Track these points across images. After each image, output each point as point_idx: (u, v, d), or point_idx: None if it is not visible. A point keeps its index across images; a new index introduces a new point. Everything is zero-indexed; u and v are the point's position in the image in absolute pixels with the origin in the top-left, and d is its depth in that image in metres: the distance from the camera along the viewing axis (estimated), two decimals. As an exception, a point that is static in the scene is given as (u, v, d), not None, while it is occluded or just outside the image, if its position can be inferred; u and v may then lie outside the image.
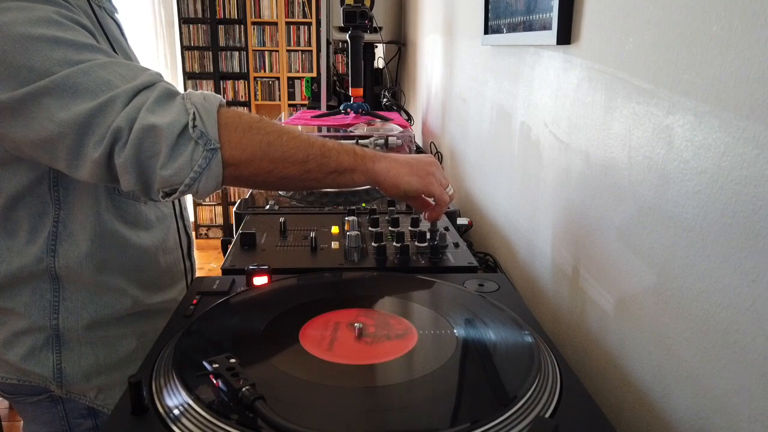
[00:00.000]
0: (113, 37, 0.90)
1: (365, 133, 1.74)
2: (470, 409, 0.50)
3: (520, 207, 1.05)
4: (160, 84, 0.73)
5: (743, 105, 0.46)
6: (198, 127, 0.70)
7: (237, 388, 0.47)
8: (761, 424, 0.45)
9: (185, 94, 0.74)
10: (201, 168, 0.70)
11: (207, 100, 0.74)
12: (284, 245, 0.93)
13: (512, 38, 1.04)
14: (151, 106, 0.70)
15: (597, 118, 0.73)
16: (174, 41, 5.19)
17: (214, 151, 0.71)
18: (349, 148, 0.80)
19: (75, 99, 0.69)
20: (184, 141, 0.70)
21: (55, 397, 0.90)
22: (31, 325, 0.87)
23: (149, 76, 0.73)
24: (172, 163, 0.69)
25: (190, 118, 0.70)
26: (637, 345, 0.64)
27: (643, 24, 0.62)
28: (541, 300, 0.94)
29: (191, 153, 0.70)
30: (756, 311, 0.45)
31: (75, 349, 0.89)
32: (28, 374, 0.88)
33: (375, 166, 0.80)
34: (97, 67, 0.71)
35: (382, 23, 2.73)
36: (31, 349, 0.87)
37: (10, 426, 2.47)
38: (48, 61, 0.69)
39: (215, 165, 0.71)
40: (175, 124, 0.69)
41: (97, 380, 0.90)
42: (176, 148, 0.69)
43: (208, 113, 0.72)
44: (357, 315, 0.66)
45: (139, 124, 0.68)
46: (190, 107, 0.71)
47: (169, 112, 0.70)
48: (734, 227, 0.48)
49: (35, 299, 0.86)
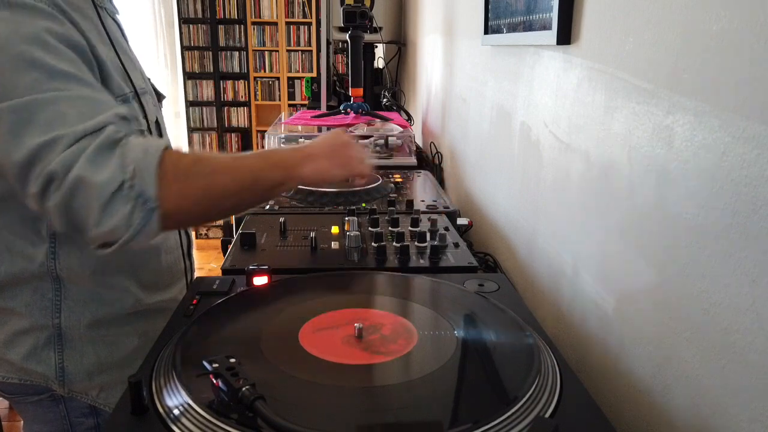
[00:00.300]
0: (114, 37, 0.90)
1: (365, 133, 1.74)
2: (470, 409, 0.50)
3: (520, 207, 1.05)
4: (107, 130, 0.71)
5: (743, 105, 0.46)
6: (135, 187, 0.69)
7: (237, 387, 0.47)
8: (761, 424, 0.45)
9: (126, 146, 0.72)
10: (139, 227, 0.70)
11: (147, 154, 0.71)
12: (284, 245, 0.93)
13: (512, 38, 1.04)
14: (90, 156, 0.69)
15: (597, 118, 0.73)
16: (174, 41, 5.19)
17: (152, 210, 0.70)
18: (276, 159, 0.82)
19: (27, 129, 0.69)
20: (120, 200, 0.69)
21: (56, 396, 0.90)
22: (32, 325, 0.87)
23: (103, 119, 0.72)
24: (106, 222, 0.69)
25: (128, 177, 0.69)
26: (637, 345, 0.64)
27: (643, 24, 0.62)
28: (541, 300, 0.94)
29: (129, 213, 0.69)
30: (756, 311, 0.45)
31: (77, 347, 0.89)
32: (29, 373, 0.88)
33: (302, 172, 0.83)
34: (60, 100, 0.71)
35: (382, 23, 2.73)
36: (32, 348, 0.87)
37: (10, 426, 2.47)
38: (16, 84, 0.70)
39: (154, 222, 0.70)
40: (110, 182, 0.68)
41: (99, 379, 0.90)
42: (110, 206, 0.68)
43: (147, 170, 0.70)
44: (357, 315, 0.66)
45: (73, 174, 0.68)
46: (128, 164, 0.70)
47: (105, 167, 0.69)
48: (734, 227, 0.48)
49: (36, 299, 0.86)
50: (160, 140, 0.75)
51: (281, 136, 1.72)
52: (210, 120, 5.41)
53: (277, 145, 1.66)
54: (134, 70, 0.92)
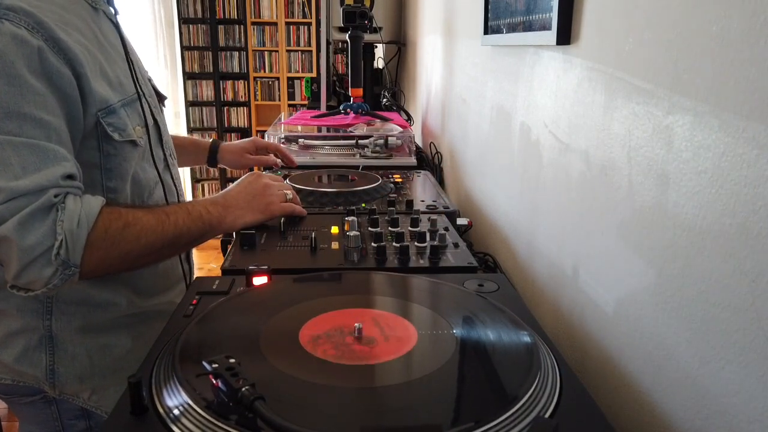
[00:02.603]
0: (108, 41, 0.90)
1: (365, 133, 1.74)
2: (470, 409, 0.50)
3: (520, 207, 1.05)
4: (47, 194, 0.73)
5: (743, 105, 0.46)
6: (61, 255, 0.73)
7: (237, 388, 0.47)
8: (761, 424, 0.45)
9: (63, 211, 0.74)
10: (56, 287, 0.75)
11: (80, 225, 0.75)
12: (284, 245, 0.93)
13: (512, 38, 1.04)
14: (22, 218, 0.71)
15: (597, 119, 0.73)
16: (174, 41, 5.19)
17: (72, 274, 0.75)
18: (197, 215, 0.89)
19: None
20: (43, 262, 0.73)
21: (48, 398, 0.90)
22: (24, 326, 0.87)
23: (44, 182, 0.73)
24: (24, 277, 0.73)
25: (56, 245, 0.73)
26: (637, 345, 0.64)
27: (643, 24, 0.62)
28: (540, 300, 0.94)
29: (50, 276, 0.74)
30: (756, 311, 0.45)
31: (68, 350, 0.88)
32: (21, 375, 0.88)
33: (223, 224, 0.92)
34: (8, 145, 0.72)
35: (382, 23, 2.73)
36: (24, 349, 0.88)
37: (10, 426, 2.47)
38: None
39: (72, 281, 0.76)
40: (36, 247, 0.72)
41: (90, 382, 0.90)
42: (31, 267, 0.73)
43: (77, 242, 0.75)
44: (357, 315, 0.66)
45: (1, 230, 0.71)
46: (59, 232, 0.73)
47: (34, 232, 0.72)
48: (734, 227, 0.48)
49: (27, 301, 0.86)
50: (95, 202, 0.78)
51: (281, 137, 1.72)
52: (210, 120, 5.41)
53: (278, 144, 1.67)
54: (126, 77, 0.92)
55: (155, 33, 4.95)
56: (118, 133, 0.85)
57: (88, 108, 0.81)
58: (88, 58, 0.81)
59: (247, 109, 5.42)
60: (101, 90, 0.83)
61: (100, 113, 0.83)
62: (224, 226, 0.93)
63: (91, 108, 0.81)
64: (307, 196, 1.20)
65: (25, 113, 0.73)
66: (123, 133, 0.86)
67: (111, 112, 0.85)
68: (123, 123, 0.86)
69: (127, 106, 0.89)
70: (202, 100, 5.37)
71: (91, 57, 0.82)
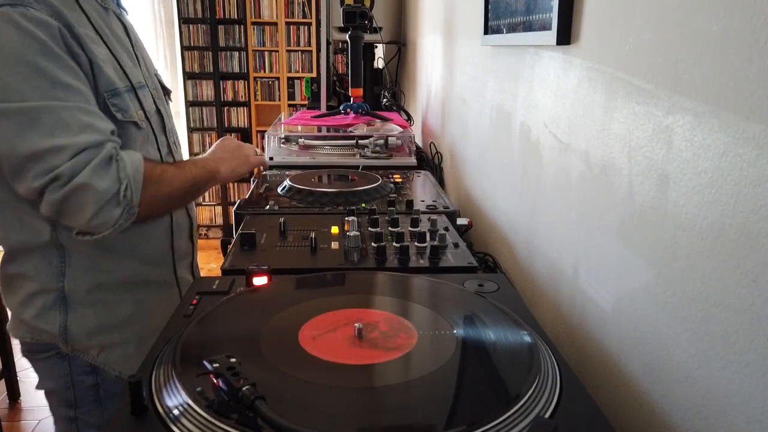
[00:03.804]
0: (116, 36, 1.02)
1: (365, 133, 1.74)
2: (470, 409, 0.50)
3: (520, 207, 1.05)
4: (107, 146, 0.88)
5: (743, 105, 0.46)
6: (128, 197, 0.89)
7: (237, 387, 0.47)
8: (760, 424, 0.45)
9: (120, 161, 0.89)
10: (120, 225, 0.90)
11: (137, 170, 0.91)
12: (284, 245, 0.93)
13: (512, 38, 1.04)
14: (95, 167, 0.86)
15: (597, 119, 0.73)
16: (174, 41, 5.19)
17: (133, 213, 0.91)
18: (201, 166, 1.07)
19: (33, 131, 0.83)
20: (113, 205, 0.88)
21: (62, 354, 1.01)
22: (41, 288, 0.99)
23: (101, 138, 0.88)
24: (96, 219, 0.87)
25: (123, 188, 0.88)
26: (637, 345, 0.64)
27: (643, 24, 0.62)
28: (541, 300, 0.94)
29: (118, 216, 0.89)
30: (756, 311, 0.45)
31: (79, 310, 1.00)
32: (39, 332, 1.00)
33: (220, 173, 1.10)
34: (62, 109, 0.85)
35: (382, 23, 2.73)
36: (41, 308, 0.99)
37: (10, 426, 2.47)
38: (22, 89, 0.83)
39: (130, 221, 0.91)
40: (109, 191, 0.87)
41: (97, 339, 1.02)
42: (103, 209, 0.87)
43: (136, 184, 0.90)
44: (357, 315, 0.66)
45: (79, 179, 0.84)
46: (123, 177, 0.89)
47: (106, 178, 0.87)
48: (734, 227, 0.48)
49: (44, 265, 0.98)
50: (137, 154, 0.94)
51: (281, 136, 1.72)
52: (210, 120, 5.41)
53: (278, 145, 1.67)
54: (133, 67, 1.03)
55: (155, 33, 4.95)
56: (121, 114, 0.96)
57: (98, 89, 0.93)
58: (96, 48, 0.93)
59: (247, 109, 5.42)
60: (109, 74, 0.95)
61: (107, 94, 0.94)
62: (221, 175, 1.10)
63: (100, 89, 0.93)
64: (307, 196, 1.20)
65: (67, 82, 0.86)
66: (126, 114, 0.98)
67: (116, 94, 0.96)
68: (126, 105, 0.98)
69: (131, 92, 1.00)
70: (202, 100, 5.36)
71: (98, 47, 0.94)
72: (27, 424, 2.48)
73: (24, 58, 0.83)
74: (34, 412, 2.55)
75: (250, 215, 1.09)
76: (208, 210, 5.56)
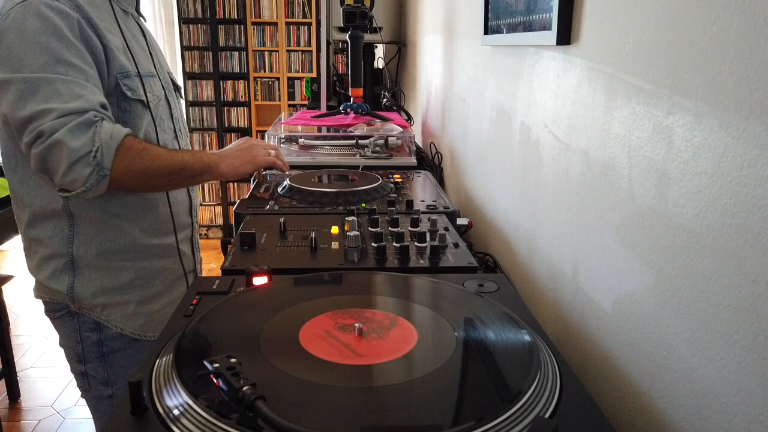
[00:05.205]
0: (133, 35, 1.15)
1: (365, 133, 1.74)
2: (470, 410, 0.50)
3: (520, 207, 1.05)
4: (89, 113, 0.97)
5: (743, 105, 0.46)
6: (97, 158, 0.97)
7: (237, 387, 0.47)
8: (761, 424, 0.45)
9: (99, 127, 0.98)
10: (91, 185, 0.98)
11: (113, 137, 0.99)
12: (284, 245, 0.93)
13: (512, 38, 1.04)
14: (71, 127, 0.95)
15: (597, 119, 0.73)
16: (174, 41, 5.19)
17: (104, 176, 0.98)
18: (198, 157, 1.12)
19: (32, 97, 0.96)
20: (83, 164, 0.96)
21: (72, 312, 1.15)
22: (54, 252, 1.12)
23: (87, 105, 0.98)
24: (69, 176, 0.96)
25: (94, 150, 0.96)
26: (637, 345, 0.64)
27: (643, 24, 0.62)
28: (541, 300, 0.94)
29: (87, 175, 0.97)
30: (756, 311, 0.45)
31: (85, 274, 1.13)
32: (53, 293, 1.14)
33: (219, 168, 1.14)
34: (60, 81, 0.97)
35: (382, 23, 2.73)
36: (54, 271, 1.13)
37: (10, 426, 2.47)
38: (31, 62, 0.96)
39: (102, 184, 0.99)
40: (80, 149, 0.95)
41: (101, 299, 1.15)
42: (75, 166, 0.96)
43: (109, 148, 0.98)
44: (357, 315, 0.66)
45: (56, 136, 0.94)
46: (97, 141, 0.97)
47: (80, 138, 0.96)
48: (734, 227, 0.48)
49: (57, 231, 1.11)
50: (123, 128, 1.02)
51: (281, 136, 1.72)
52: (210, 120, 5.41)
53: (278, 145, 1.67)
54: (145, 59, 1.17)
55: (155, 33, 4.95)
56: (131, 92, 1.09)
57: (111, 71, 1.06)
58: (112, 37, 1.06)
59: (247, 109, 5.42)
60: (122, 59, 1.08)
61: (119, 75, 1.08)
62: (220, 170, 1.14)
63: (113, 71, 1.07)
64: (307, 196, 1.20)
65: (69, 61, 0.98)
66: (135, 92, 1.10)
67: (127, 76, 1.09)
68: (135, 86, 1.11)
69: (140, 78, 1.12)
70: (202, 100, 5.36)
71: (114, 37, 1.07)
72: (27, 424, 2.48)
73: (38, 39, 0.96)
74: (34, 412, 2.55)
75: (250, 215, 1.09)
76: (208, 210, 5.56)
